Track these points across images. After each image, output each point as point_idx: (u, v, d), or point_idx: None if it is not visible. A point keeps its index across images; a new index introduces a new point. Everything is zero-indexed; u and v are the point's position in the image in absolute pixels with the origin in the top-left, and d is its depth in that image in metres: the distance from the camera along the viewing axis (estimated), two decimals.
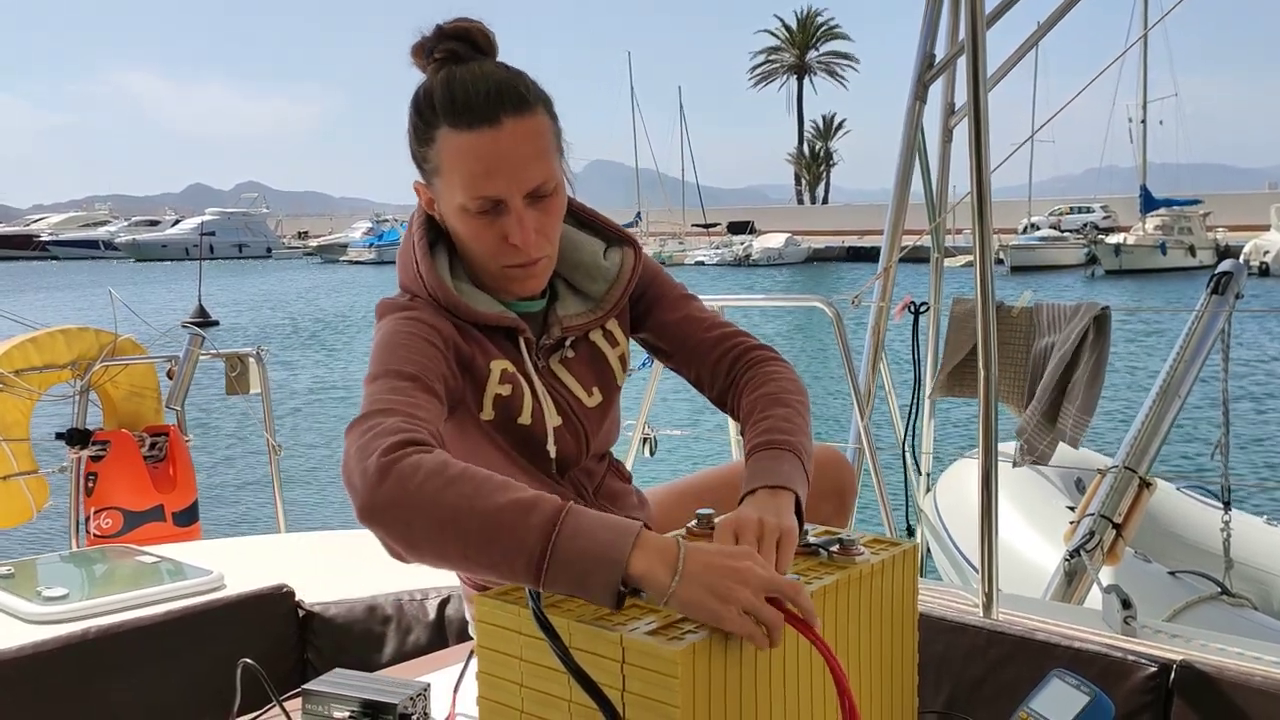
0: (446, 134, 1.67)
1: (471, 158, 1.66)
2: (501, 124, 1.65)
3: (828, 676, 1.51)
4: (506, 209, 1.69)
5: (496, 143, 1.65)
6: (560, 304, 1.90)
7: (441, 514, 1.37)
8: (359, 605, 2.57)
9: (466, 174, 1.67)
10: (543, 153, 1.70)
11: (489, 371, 1.78)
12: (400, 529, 1.40)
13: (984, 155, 2.25)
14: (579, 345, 1.91)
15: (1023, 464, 4.19)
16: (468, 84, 1.66)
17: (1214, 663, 1.99)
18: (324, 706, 1.76)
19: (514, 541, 1.34)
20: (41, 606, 2.37)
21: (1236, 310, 3.97)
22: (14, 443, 4.33)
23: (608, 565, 1.31)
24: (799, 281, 44.99)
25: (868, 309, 4.42)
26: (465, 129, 1.65)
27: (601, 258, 1.93)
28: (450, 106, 1.66)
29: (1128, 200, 52.62)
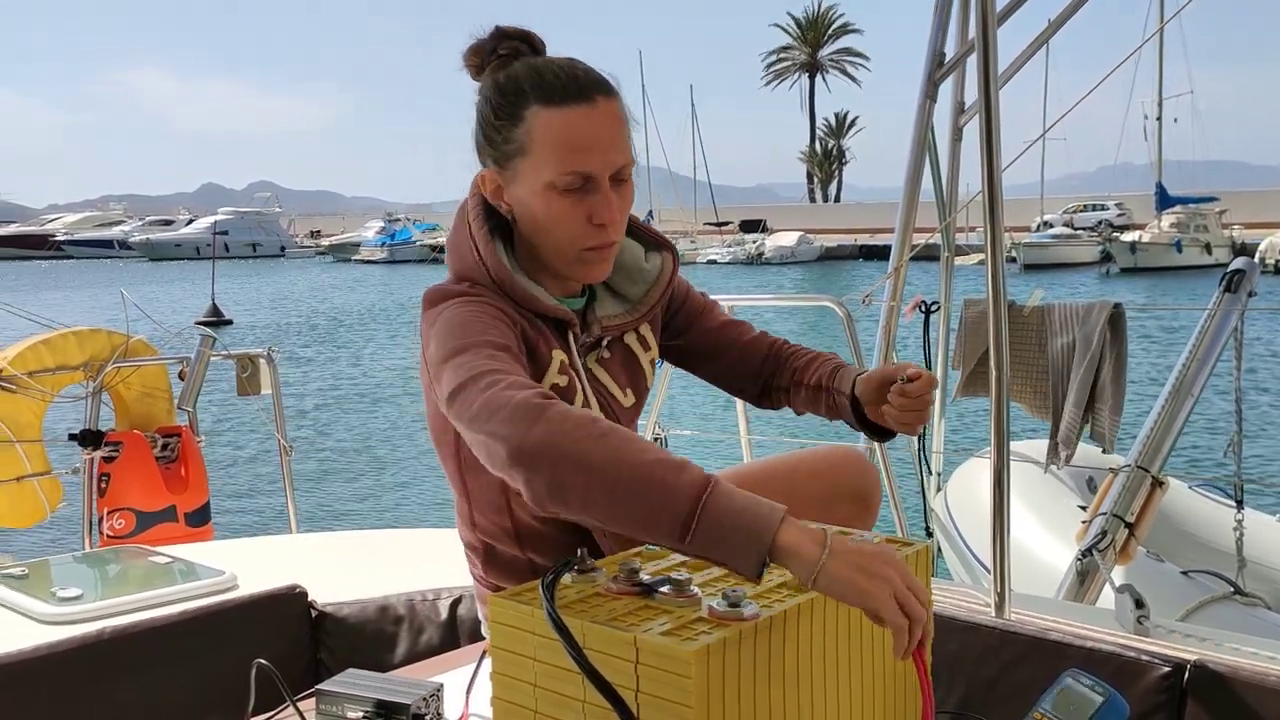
0: (539, 111, 1.71)
1: (567, 132, 1.70)
2: (595, 102, 1.71)
3: (840, 676, 1.51)
4: (594, 188, 1.73)
5: (591, 119, 1.70)
6: (599, 304, 1.93)
7: (593, 462, 1.38)
8: (371, 605, 2.57)
9: (561, 149, 1.70)
10: (624, 135, 1.75)
11: (550, 359, 1.80)
12: (549, 471, 1.41)
13: (995, 153, 2.24)
14: (614, 346, 1.94)
15: (1061, 467, 4.20)
16: (555, 68, 1.72)
17: (1228, 663, 1.98)
18: (338, 707, 1.76)
19: (663, 497, 1.35)
20: (56, 607, 2.38)
21: (1249, 308, 3.96)
22: (27, 444, 4.35)
23: (757, 532, 1.33)
24: (811, 280, 44.93)
25: (879, 308, 4.41)
26: (560, 105, 1.70)
27: (643, 261, 1.97)
28: (542, 86, 1.71)
29: (1142, 198, 52.44)
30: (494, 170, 1.80)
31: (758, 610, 1.38)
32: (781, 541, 1.33)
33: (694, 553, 1.36)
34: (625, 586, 1.47)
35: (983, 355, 4.31)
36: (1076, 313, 4.12)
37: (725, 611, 1.37)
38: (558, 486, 1.41)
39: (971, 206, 2.40)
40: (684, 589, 1.43)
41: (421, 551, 3.05)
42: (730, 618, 1.36)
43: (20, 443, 4.32)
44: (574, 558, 1.54)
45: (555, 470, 1.40)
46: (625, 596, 1.46)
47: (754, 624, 1.36)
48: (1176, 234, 41.45)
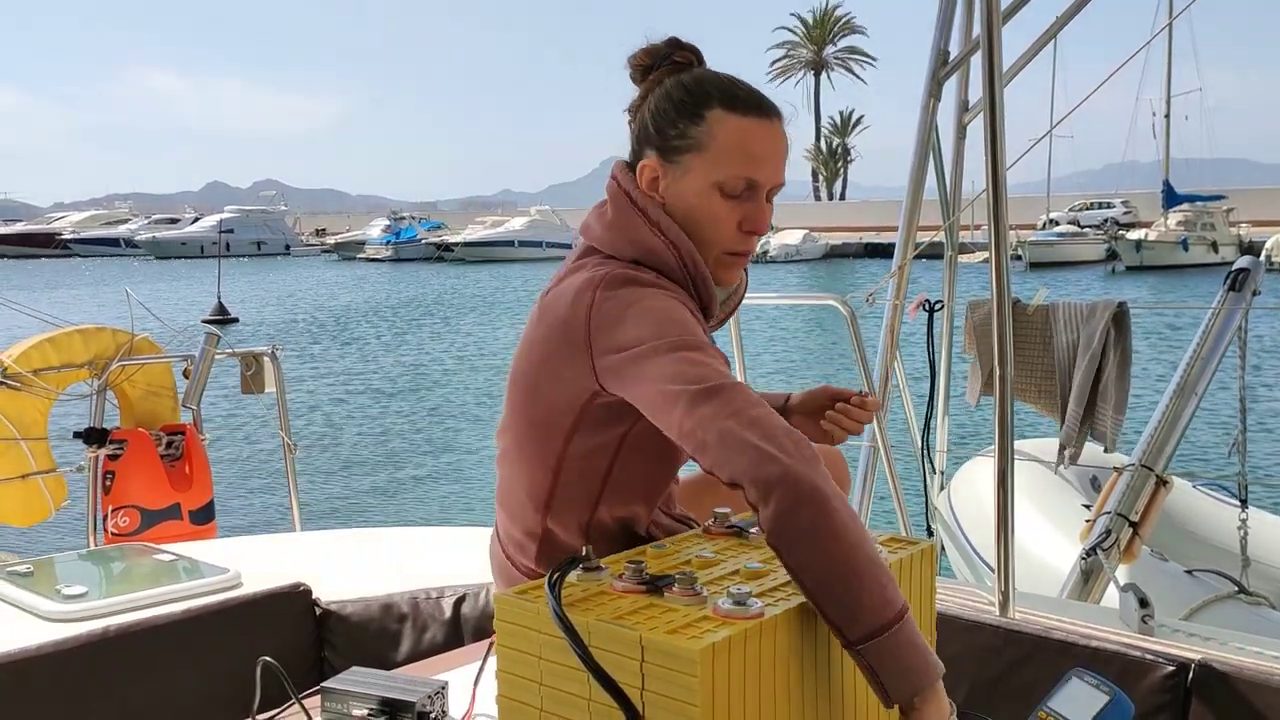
0: (722, 115, 1.81)
1: (747, 139, 1.81)
2: (774, 120, 1.85)
3: (845, 674, 1.51)
4: (754, 197, 1.83)
5: (769, 133, 1.83)
6: None
7: (844, 535, 1.44)
8: (375, 603, 2.57)
9: (738, 153, 1.81)
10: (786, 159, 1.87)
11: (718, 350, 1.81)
12: (809, 516, 1.44)
13: (1000, 151, 2.24)
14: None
15: (1067, 466, 4.20)
16: (741, 82, 1.85)
17: (1232, 662, 1.98)
18: (343, 704, 1.77)
19: (875, 601, 1.42)
20: (61, 605, 2.38)
21: (1254, 307, 3.96)
22: (32, 441, 4.35)
23: (922, 675, 1.44)
24: (816, 278, 44.92)
25: (883, 307, 4.40)
26: (745, 114, 1.81)
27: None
28: (731, 94, 1.82)
29: (1148, 196, 52.33)
30: (657, 160, 1.86)
31: (763, 609, 1.38)
32: (931, 692, 1.44)
33: (863, 657, 1.42)
34: (631, 585, 1.47)
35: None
36: (1080, 311, 4.12)
37: (731, 610, 1.37)
38: (804, 531, 1.44)
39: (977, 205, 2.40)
40: (690, 587, 1.44)
41: (425, 549, 3.05)
42: (736, 616, 1.36)
43: (25, 440, 4.32)
44: (580, 555, 1.54)
45: (815, 519, 1.44)
46: (631, 595, 1.46)
47: (759, 623, 1.36)
48: (1183, 232, 41.36)
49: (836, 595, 1.42)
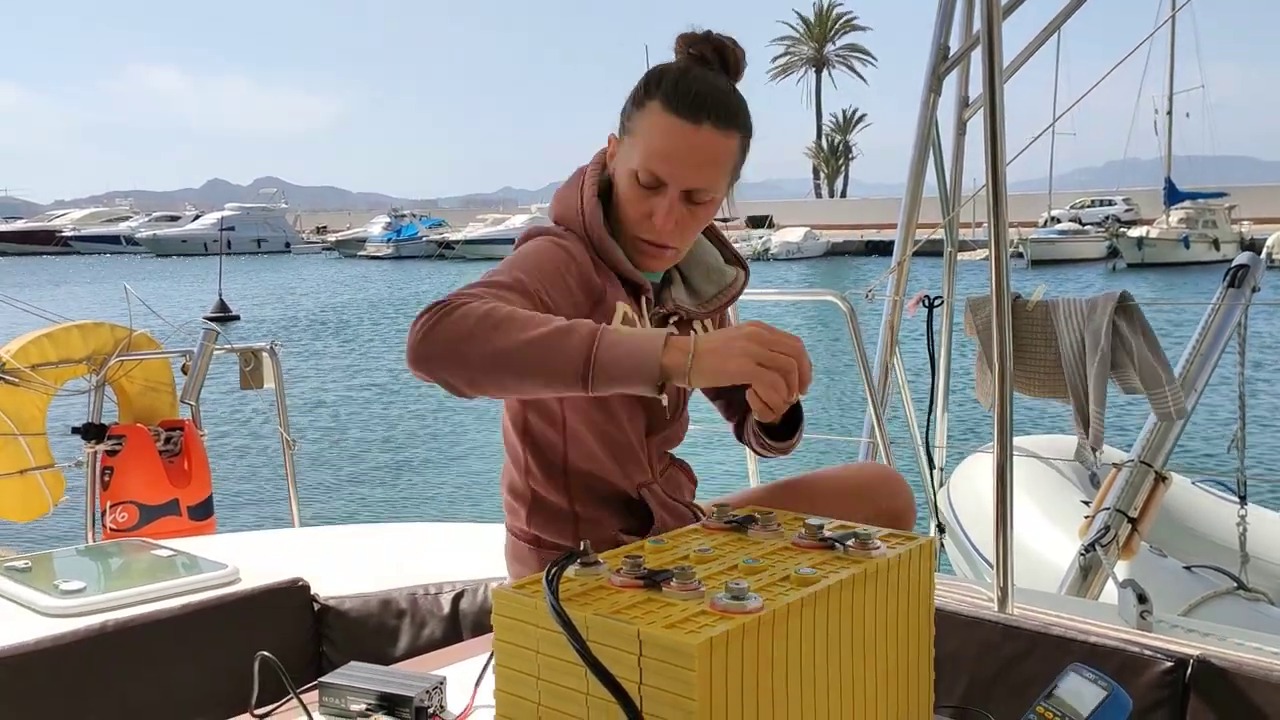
0: (655, 108, 1.88)
1: (662, 137, 1.87)
2: (700, 125, 1.86)
3: (845, 668, 1.51)
4: (663, 191, 1.89)
5: (688, 137, 1.86)
6: (674, 288, 2.09)
7: (493, 351, 1.59)
8: (374, 599, 2.57)
9: (652, 147, 1.88)
10: (716, 167, 1.90)
11: (614, 308, 1.93)
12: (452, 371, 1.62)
13: (1000, 148, 2.24)
14: (682, 327, 2.08)
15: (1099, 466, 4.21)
16: (694, 82, 1.88)
17: (1231, 658, 1.98)
18: (341, 699, 1.77)
19: (562, 359, 1.57)
20: (59, 600, 2.38)
21: (1253, 304, 3.96)
22: (30, 437, 4.35)
23: (645, 366, 1.55)
24: (818, 275, 44.95)
25: (882, 303, 4.41)
26: (671, 113, 1.86)
27: (723, 265, 2.16)
28: (672, 90, 1.87)
29: (1150, 193, 52.35)
30: (615, 138, 2.00)
31: (762, 603, 1.38)
32: (665, 363, 1.55)
33: (598, 392, 1.58)
34: (629, 579, 1.47)
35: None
36: (1081, 308, 4.11)
37: (729, 604, 1.36)
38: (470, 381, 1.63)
39: (978, 202, 2.41)
40: (688, 582, 1.44)
41: (424, 545, 3.05)
42: (734, 610, 1.36)
43: (23, 436, 4.32)
44: (577, 550, 1.54)
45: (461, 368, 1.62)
46: (629, 589, 1.46)
47: (758, 617, 1.35)
48: (1185, 230, 41.37)
49: (536, 384, 1.60)
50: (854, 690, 1.53)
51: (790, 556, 1.59)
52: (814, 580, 1.47)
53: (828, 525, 1.69)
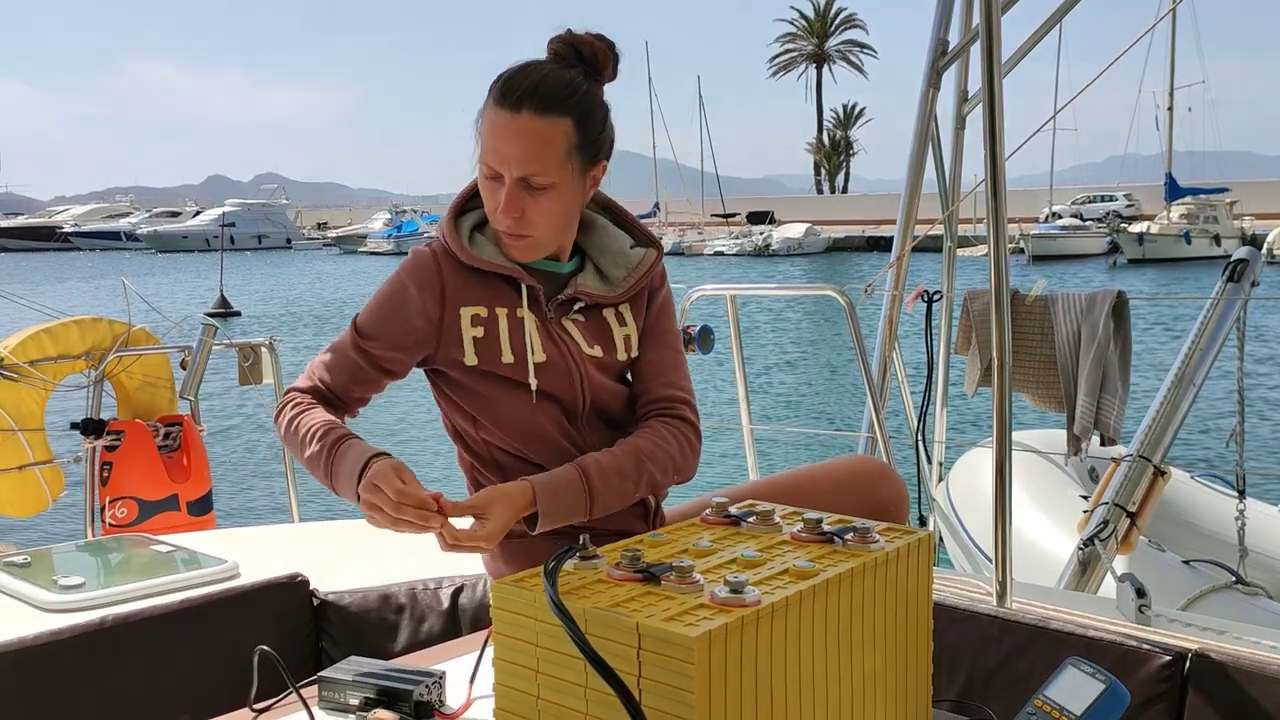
0: (489, 105, 1.97)
1: (489, 131, 1.96)
2: (519, 114, 1.93)
3: (843, 662, 1.51)
4: (502, 184, 1.98)
5: (508, 126, 1.94)
6: (582, 276, 2.13)
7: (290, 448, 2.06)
8: (373, 594, 2.57)
9: (484, 142, 1.98)
10: (543, 152, 1.96)
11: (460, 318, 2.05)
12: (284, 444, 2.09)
13: (999, 142, 2.24)
14: (590, 314, 2.14)
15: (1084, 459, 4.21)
16: (520, 74, 1.96)
17: (1229, 651, 1.98)
18: (340, 694, 1.77)
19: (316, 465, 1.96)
20: (58, 595, 2.39)
21: (1252, 298, 3.96)
22: (29, 432, 4.35)
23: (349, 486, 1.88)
24: (818, 271, 44.96)
25: (881, 298, 4.41)
26: (495, 106, 1.95)
27: (627, 249, 2.18)
28: (500, 86, 1.96)
29: (1151, 188, 52.33)
30: None
31: (760, 597, 1.38)
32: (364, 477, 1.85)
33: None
34: (628, 573, 1.47)
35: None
36: (1080, 302, 4.12)
37: (728, 598, 1.37)
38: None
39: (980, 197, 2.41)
40: (686, 575, 1.44)
41: (423, 540, 3.05)
42: (733, 604, 1.36)
43: (22, 431, 4.32)
44: (576, 544, 1.55)
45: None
46: (627, 583, 1.46)
47: (756, 610, 1.36)
48: (1186, 225, 41.31)
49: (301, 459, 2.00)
50: (853, 683, 1.53)
51: (789, 550, 1.60)
52: (813, 574, 1.47)
53: (826, 519, 1.69)
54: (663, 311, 2.22)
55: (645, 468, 2.04)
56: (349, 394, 2.10)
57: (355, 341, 2.07)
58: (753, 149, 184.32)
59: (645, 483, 2.05)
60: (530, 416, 2.06)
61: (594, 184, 2.09)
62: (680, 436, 2.12)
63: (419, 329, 2.05)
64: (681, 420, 2.14)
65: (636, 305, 2.17)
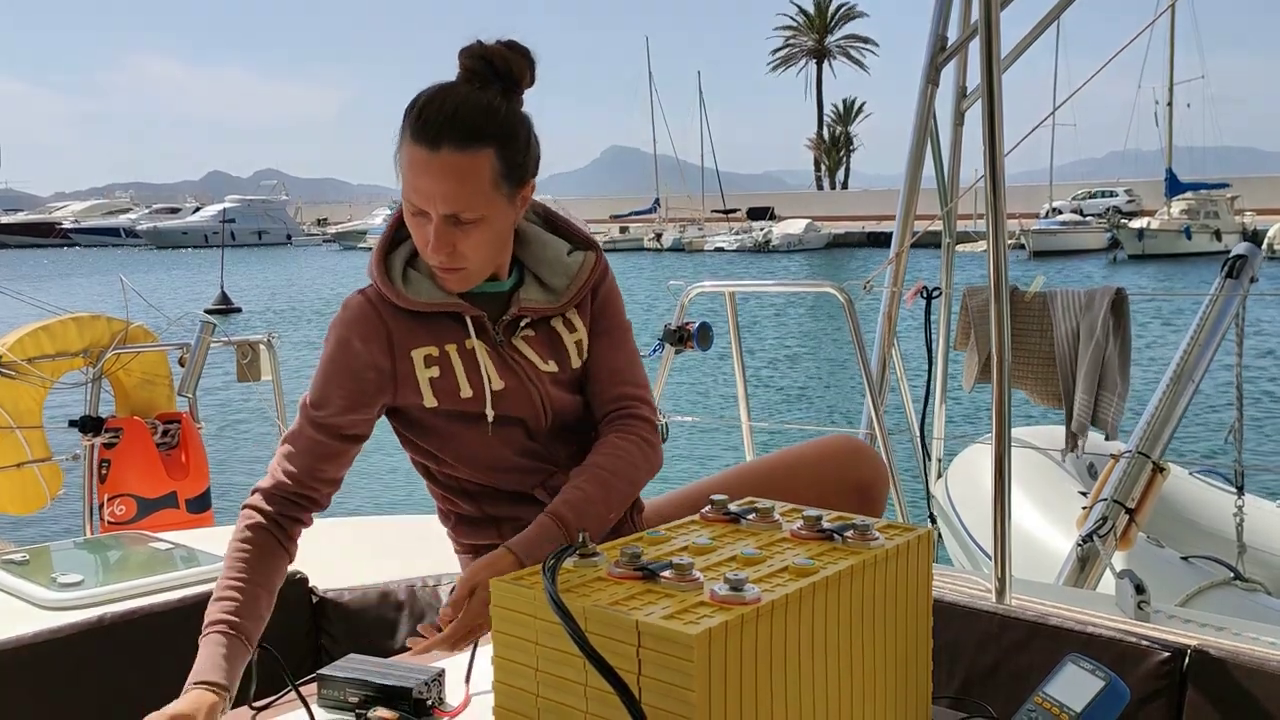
0: (405, 140, 1.88)
1: (409, 168, 1.88)
2: (439, 150, 1.85)
3: (843, 660, 1.51)
4: (428, 220, 1.90)
5: (428, 165, 1.86)
6: (524, 290, 2.07)
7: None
8: (372, 592, 2.57)
9: (406, 179, 1.90)
10: (467, 187, 1.87)
11: (412, 361, 1.99)
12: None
13: (998, 138, 2.24)
14: (539, 327, 2.09)
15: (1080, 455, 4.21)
16: (434, 104, 1.86)
17: (1228, 648, 1.98)
18: (339, 691, 1.77)
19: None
20: (56, 593, 2.38)
21: (1251, 294, 3.96)
22: (27, 430, 4.35)
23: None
24: (818, 267, 44.94)
25: (881, 294, 4.41)
26: (413, 142, 1.86)
27: (565, 256, 2.12)
28: (414, 118, 1.87)
29: (1152, 184, 52.29)
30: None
31: (760, 595, 1.38)
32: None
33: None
34: (627, 571, 1.47)
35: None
36: (1079, 299, 4.12)
37: (727, 595, 1.36)
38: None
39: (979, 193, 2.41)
40: (686, 573, 1.44)
41: (421, 537, 3.05)
42: (733, 601, 1.36)
43: (21, 429, 4.32)
44: (577, 543, 1.55)
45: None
46: (627, 581, 1.46)
47: (756, 608, 1.35)
48: (1186, 220, 41.27)
49: None
50: (852, 681, 1.53)
51: (789, 547, 1.59)
52: (812, 571, 1.46)
53: (826, 516, 1.69)
54: (607, 306, 2.17)
55: (613, 486, 1.99)
56: (318, 478, 2.01)
57: (311, 418, 1.99)
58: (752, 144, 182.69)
59: (616, 501, 2.00)
60: (491, 447, 2.04)
61: (524, 203, 2.01)
62: (637, 439, 2.08)
63: (371, 382, 1.99)
64: (637, 419, 2.11)
65: (583, 309, 2.14)
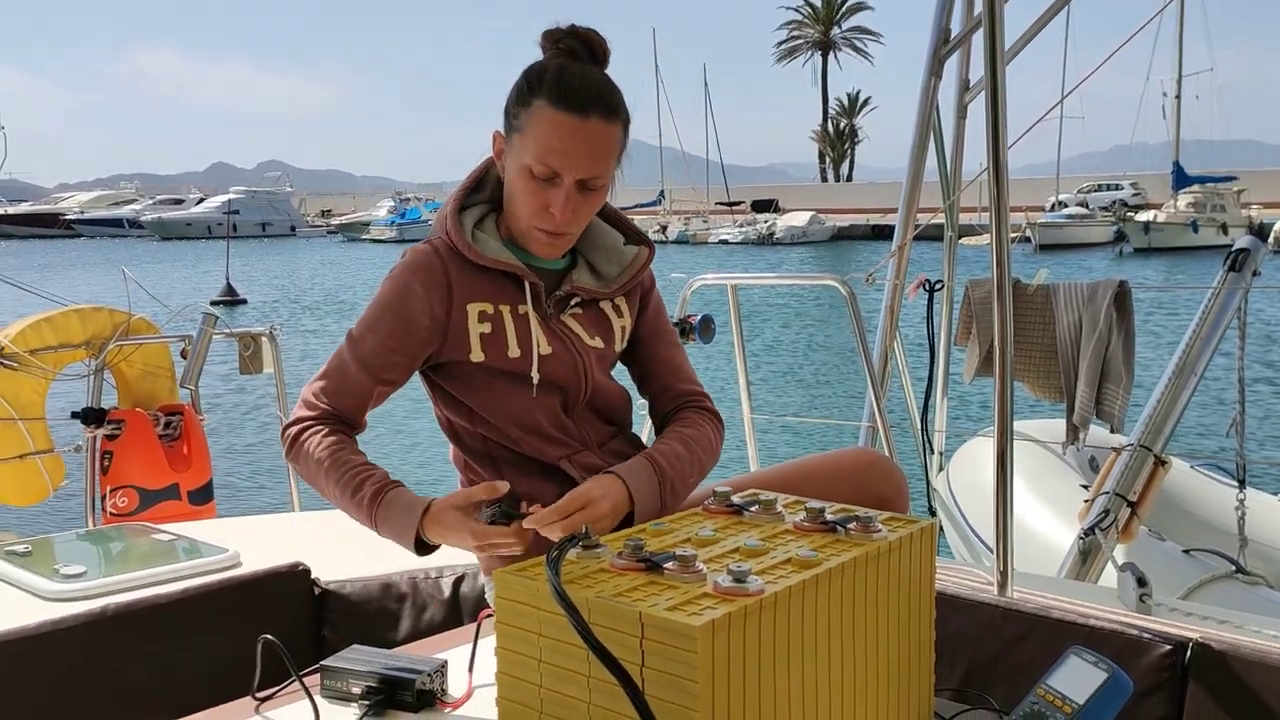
0: (542, 106, 1.96)
1: (554, 133, 1.96)
2: (589, 118, 1.96)
3: (845, 651, 1.51)
4: (559, 183, 1.98)
5: (577, 131, 1.96)
6: (577, 272, 2.16)
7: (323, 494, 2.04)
8: (374, 583, 2.58)
9: (544, 143, 1.96)
10: (606, 155, 2.01)
11: (467, 314, 2.06)
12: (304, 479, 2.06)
13: (1001, 131, 2.23)
14: (588, 307, 2.17)
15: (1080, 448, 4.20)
16: (576, 77, 1.97)
17: (1229, 640, 1.98)
18: (342, 682, 1.77)
19: (357, 512, 1.98)
20: (59, 584, 2.39)
21: (1253, 288, 3.95)
22: (30, 421, 4.35)
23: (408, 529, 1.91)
24: (822, 259, 44.88)
25: (883, 287, 4.40)
26: (558, 108, 1.95)
27: (621, 246, 2.22)
28: (556, 87, 1.96)
29: (1158, 177, 52.19)
30: (502, 135, 2.07)
31: (763, 586, 1.38)
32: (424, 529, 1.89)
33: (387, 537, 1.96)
34: (630, 562, 1.47)
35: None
36: (1081, 292, 4.11)
37: (731, 587, 1.37)
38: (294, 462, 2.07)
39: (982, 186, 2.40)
40: (689, 565, 1.44)
41: None
42: (736, 593, 1.36)
43: (23, 420, 4.32)
44: (579, 534, 1.55)
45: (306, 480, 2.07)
46: (630, 572, 1.46)
47: (759, 599, 1.36)
48: (1193, 214, 41.15)
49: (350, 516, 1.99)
50: (855, 672, 1.54)
51: (792, 539, 1.60)
52: (816, 563, 1.47)
53: (829, 509, 1.69)
54: (659, 312, 2.29)
55: (695, 453, 2.11)
56: (343, 410, 2.08)
57: (353, 354, 2.06)
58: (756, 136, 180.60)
59: (697, 467, 2.10)
60: (529, 409, 2.08)
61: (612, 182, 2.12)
62: (713, 426, 2.20)
63: (423, 329, 2.05)
64: (709, 412, 2.23)
65: (630, 299, 2.23)
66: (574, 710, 1.42)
